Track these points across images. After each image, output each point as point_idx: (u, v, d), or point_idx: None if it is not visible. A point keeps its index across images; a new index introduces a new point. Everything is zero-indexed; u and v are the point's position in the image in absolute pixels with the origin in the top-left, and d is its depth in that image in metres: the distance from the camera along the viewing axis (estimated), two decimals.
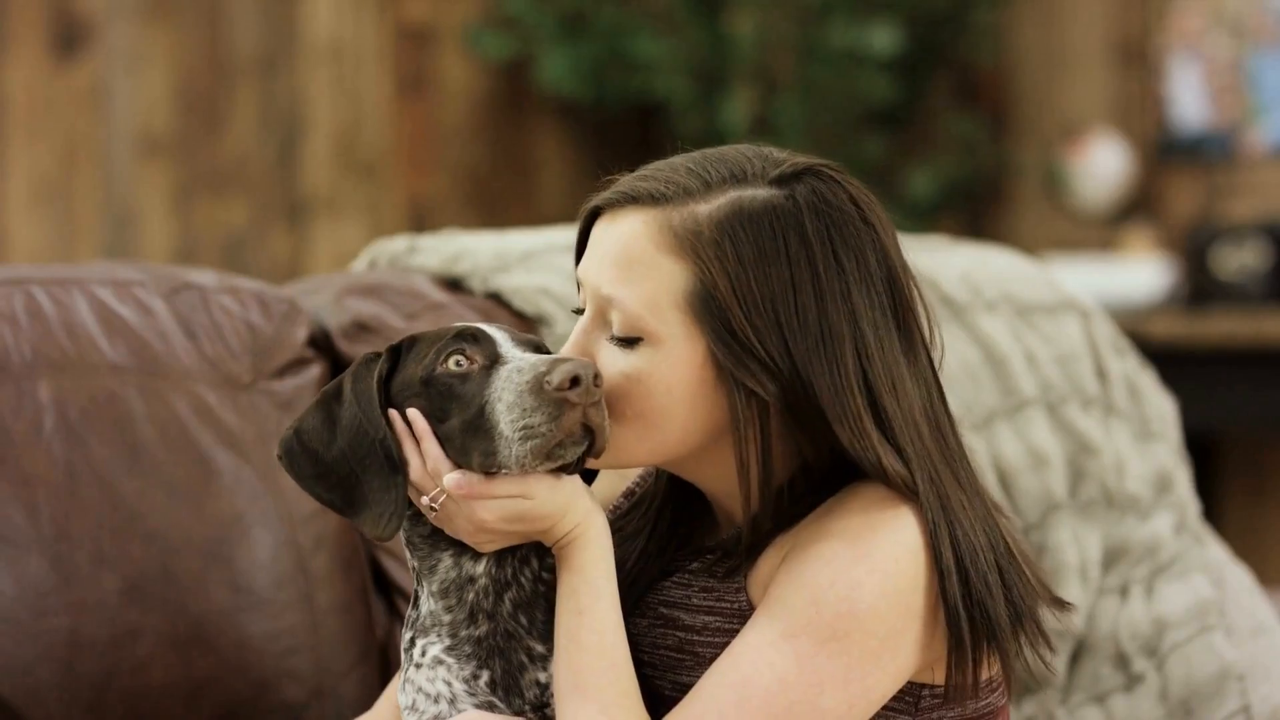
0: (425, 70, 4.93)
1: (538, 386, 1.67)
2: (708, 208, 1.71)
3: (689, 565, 1.80)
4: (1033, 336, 2.57)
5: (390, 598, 2.25)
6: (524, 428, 1.67)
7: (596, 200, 1.77)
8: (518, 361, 1.71)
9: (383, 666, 2.21)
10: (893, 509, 1.69)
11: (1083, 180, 5.00)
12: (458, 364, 1.73)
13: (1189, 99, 4.97)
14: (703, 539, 1.83)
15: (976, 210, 5.17)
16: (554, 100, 5.00)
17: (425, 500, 1.72)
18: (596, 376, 1.67)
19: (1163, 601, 2.44)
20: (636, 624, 1.80)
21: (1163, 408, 2.65)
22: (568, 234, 2.54)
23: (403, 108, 4.89)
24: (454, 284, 2.40)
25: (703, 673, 1.71)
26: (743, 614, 1.74)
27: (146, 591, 2.08)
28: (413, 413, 1.73)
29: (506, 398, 1.69)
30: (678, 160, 1.76)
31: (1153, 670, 2.39)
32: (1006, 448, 2.48)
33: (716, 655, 1.72)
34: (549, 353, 1.76)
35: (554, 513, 1.71)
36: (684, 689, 1.73)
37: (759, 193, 1.72)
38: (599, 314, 1.74)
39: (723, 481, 1.77)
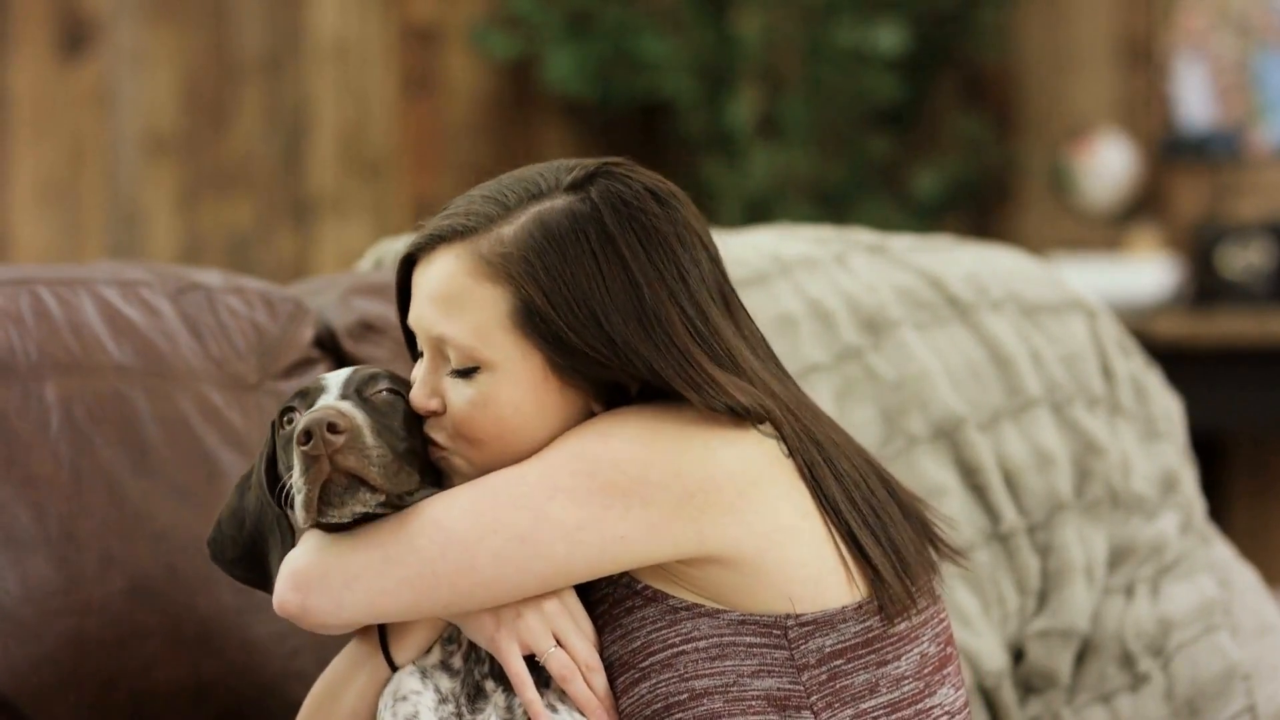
0: (431, 70, 4.93)
1: (289, 444, 1.73)
2: (511, 229, 1.78)
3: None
4: (1038, 336, 2.57)
5: None
6: (293, 486, 1.72)
7: (408, 248, 1.84)
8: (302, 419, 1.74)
9: None
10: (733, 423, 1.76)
11: (1088, 179, 5.00)
12: (288, 421, 1.79)
13: (1195, 98, 4.97)
14: None
15: (982, 210, 5.16)
16: (560, 100, 5.00)
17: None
18: (330, 425, 1.70)
19: (1168, 601, 2.44)
20: None
21: (1169, 407, 2.65)
22: None
23: (408, 107, 4.89)
24: None
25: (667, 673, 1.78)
26: (631, 587, 1.80)
27: (152, 592, 2.08)
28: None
29: (294, 459, 1.74)
30: (475, 192, 1.83)
31: (1158, 670, 2.38)
32: (1012, 447, 2.48)
33: (597, 624, 1.80)
34: (402, 390, 1.80)
35: None
36: None
37: (556, 203, 1.79)
38: (436, 353, 1.81)
39: None
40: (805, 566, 1.75)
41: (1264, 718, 2.30)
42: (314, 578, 1.77)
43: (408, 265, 1.85)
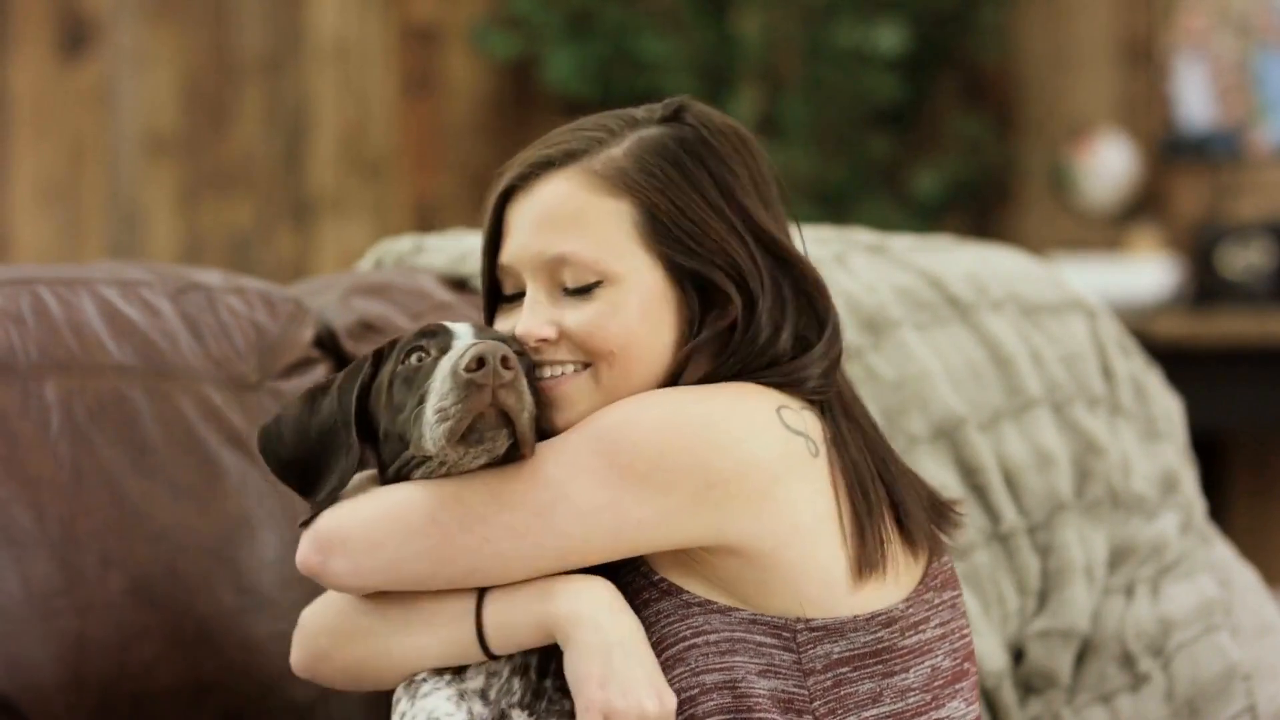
0: (431, 70, 4.93)
1: (455, 370, 1.72)
2: (619, 149, 1.82)
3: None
4: (1039, 336, 2.57)
5: None
6: (438, 410, 1.73)
7: (506, 182, 1.86)
8: (456, 350, 1.76)
9: None
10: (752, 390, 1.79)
11: (1089, 180, 5.00)
12: (418, 359, 1.79)
13: (1195, 98, 4.97)
14: None
15: (983, 210, 5.16)
16: (560, 100, 5.00)
17: None
18: (505, 359, 1.72)
19: (1168, 601, 2.44)
20: None
21: (1169, 407, 2.65)
22: None
23: (409, 107, 4.89)
24: (460, 283, 2.40)
25: (686, 667, 1.78)
26: (649, 577, 1.80)
27: (153, 592, 2.08)
28: None
29: (435, 384, 1.74)
30: (565, 128, 1.87)
31: (1158, 670, 2.38)
32: (1012, 447, 2.48)
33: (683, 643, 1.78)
34: (519, 337, 1.82)
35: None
36: None
37: (653, 130, 1.84)
38: (546, 280, 1.82)
39: None
40: (820, 571, 1.76)
41: (1264, 718, 2.30)
42: (336, 541, 1.79)
43: (501, 204, 1.86)
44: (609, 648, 1.73)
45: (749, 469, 1.75)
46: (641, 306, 1.80)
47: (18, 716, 2.02)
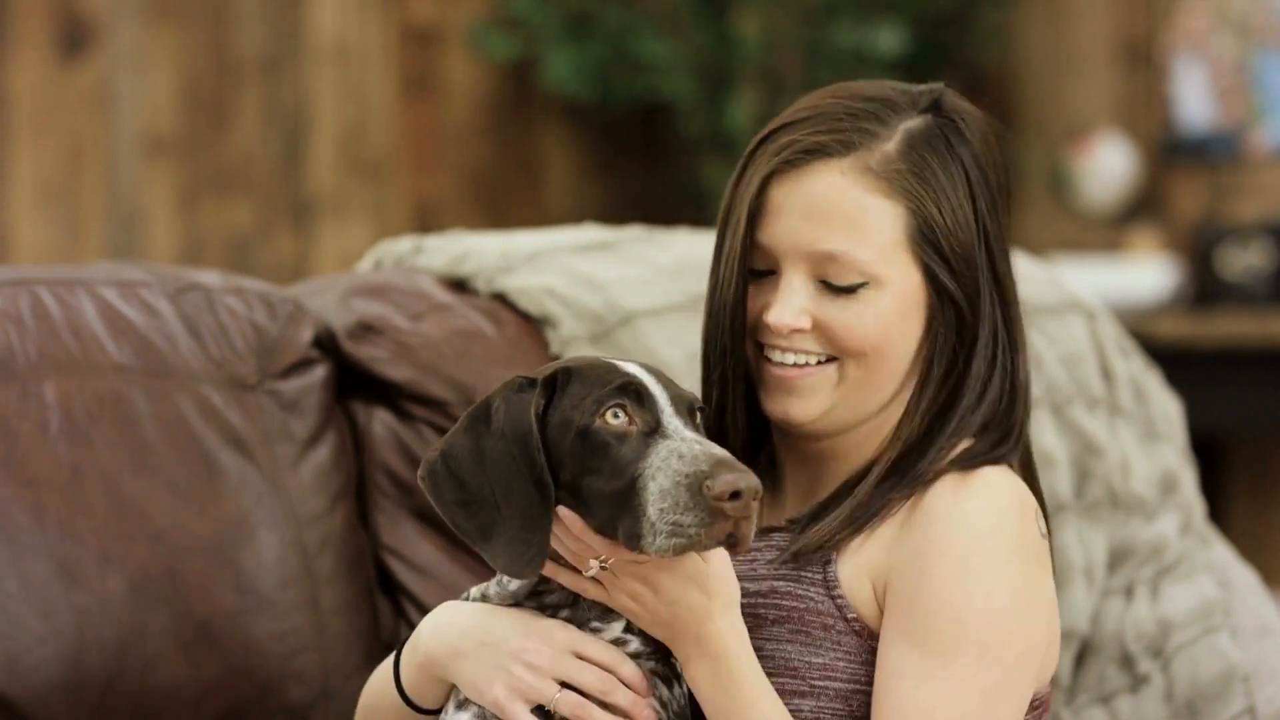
0: (430, 70, 4.93)
1: (696, 487, 1.63)
2: (892, 145, 1.79)
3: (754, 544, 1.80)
4: (1038, 337, 2.57)
5: (396, 599, 2.25)
6: (673, 524, 1.64)
7: (775, 163, 1.80)
8: (678, 442, 1.67)
9: None
10: (994, 500, 1.75)
11: (1088, 180, 5.00)
12: (615, 418, 1.69)
13: (1194, 99, 4.97)
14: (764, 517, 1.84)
15: None
16: (559, 101, 5.00)
17: (594, 563, 1.71)
18: (758, 492, 1.65)
19: (1168, 602, 2.44)
20: None
21: (1168, 408, 2.65)
22: (573, 235, 2.54)
23: (408, 108, 4.89)
24: (459, 285, 2.40)
25: (764, 634, 1.75)
26: (826, 584, 1.76)
27: (152, 592, 2.08)
28: (567, 514, 1.70)
29: (661, 482, 1.65)
30: (829, 104, 1.81)
31: (1158, 671, 2.38)
32: None
33: (777, 616, 1.76)
34: (701, 417, 1.74)
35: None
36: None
37: (917, 122, 1.81)
38: (808, 270, 1.79)
39: (858, 439, 1.83)
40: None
41: (1263, 719, 2.30)
42: None
43: (767, 180, 1.81)
44: (461, 655, 1.75)
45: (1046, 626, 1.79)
46: (899, 310, 1.79)
47: (18, 716, 2.02)
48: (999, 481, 1.77)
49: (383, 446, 2.27)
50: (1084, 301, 2.65)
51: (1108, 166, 4.98)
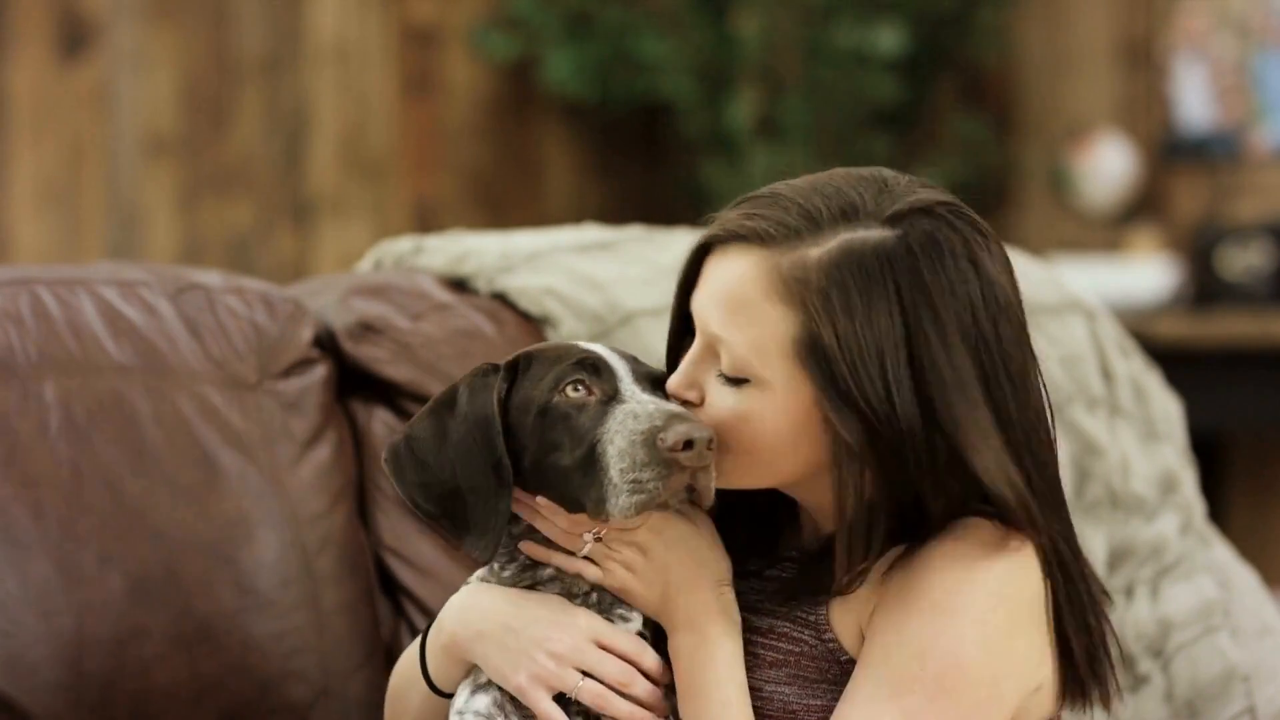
0: (430, 71, 4.93)
1: (651, 440, 1.66)
2: (817, 252, 1.69)
3: (765, 570, 1.80)
4: (1038, 337, 2.56)
5: (395, 598, 2.25)
6: (633, 481, 1.66)
7: (706, 236, 1.76)
8: (634, 404, 1.70)
9: (388, 667, 2.21)
10: (993, 553, 1.70)
11: (1088, 181, 5.00)
12: (575, 391, 1.71)
13: (1194, 99, 4.97)
14: (783, 543, 1.83)
15: (982, 211, 5.08)
16: (559, 101, 5.00)
17: (587, 536, 1.73)
18: (710, 441, 1.66)
19: (1168, 602, 2.44)
20: None
21: (1168, 408, 2.65)
22: (573, 235, 2.55)
23: (408, 108, 4.89)
24: (459, 284, 2.40)
25: (762, 676, 1.74)
26: (816, 627, 1.74)
27: (152, 592, 2.08)
28: (543, 501, 1.73)
29: (619, 443, 1.68)
30: (787, 193, 1.74)
31: (1158, 671, 2.38)
32: None
33: (775, 659, 1.74)
34: (666, 389, 1.75)
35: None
36: None
37: (870, 235, 1.70)
38: (709, 347, 1.74)
39: (822, 501, 1.76)
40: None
41: (1263, 719, 2.30)
42: None
43: (703, 251, 1.76)
44: (483, 638, 1.76)
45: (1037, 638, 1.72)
46: (777, 421, 1.70)
47: (17, 716, 2.02)
48: (1000, 531, 1.72)
49: (383, 446, 2.27)
50: (1084, 301, 2.65)
51: (1108, 166, 4.98)
